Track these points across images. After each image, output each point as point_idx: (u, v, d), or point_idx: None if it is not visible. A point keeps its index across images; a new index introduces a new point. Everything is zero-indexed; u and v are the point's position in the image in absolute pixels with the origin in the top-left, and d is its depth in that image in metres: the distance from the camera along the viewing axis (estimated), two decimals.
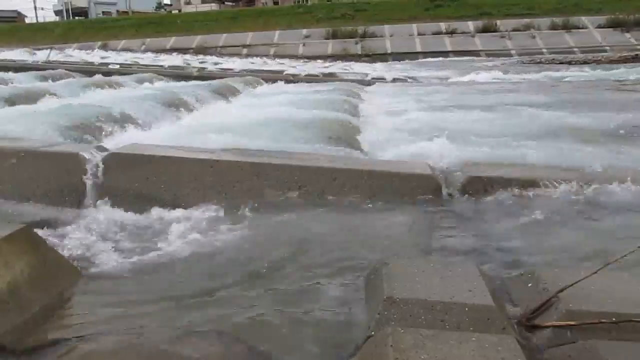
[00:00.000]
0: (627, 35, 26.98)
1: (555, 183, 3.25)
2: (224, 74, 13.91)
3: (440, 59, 25.52)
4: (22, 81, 11.11)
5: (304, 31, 31.72)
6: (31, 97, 7.60)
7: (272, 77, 13.76)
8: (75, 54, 26.45)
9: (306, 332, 1.84)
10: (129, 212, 3.07)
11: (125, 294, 2.14)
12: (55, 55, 21.75)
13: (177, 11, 60.00)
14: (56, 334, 1.85)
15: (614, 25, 27.76)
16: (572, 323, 1.74)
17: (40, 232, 2.52)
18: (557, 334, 1.74)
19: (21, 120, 5.13)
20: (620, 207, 3.06)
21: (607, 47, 25.33)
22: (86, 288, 2.19)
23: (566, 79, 12.80)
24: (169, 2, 72.64)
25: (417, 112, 6.94)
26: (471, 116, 6.44)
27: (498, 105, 7.37)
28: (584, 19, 28.82)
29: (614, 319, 1.73)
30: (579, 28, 28.33)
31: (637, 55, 19.68)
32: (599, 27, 28.10)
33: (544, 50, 26.30)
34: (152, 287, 2.20)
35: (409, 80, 14.03)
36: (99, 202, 3.19)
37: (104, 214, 3.05)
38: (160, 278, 2.30)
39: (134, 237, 2.74)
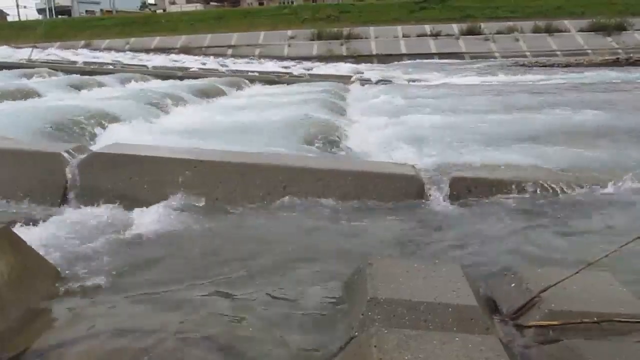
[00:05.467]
0: (609, 39, 27.32)
1: (537, 184, 3.28)
2: (209, 74, 13.82)
3: (425, 60, 25.65)
4: (3, 80, 10.96)
5: (289, 32, 31.63)
6: (11, 96, 7.50)
7: (257, 77, 13.72)
8: (58, 52, 26.11)
9: (288, 332, 1.82)
10: (111, 213, 3.03)
11: (105, 295, 2.11)
12: (37, 53, 21.46)
13: (161, 11, 59.56)
14: (37, 338, 1.81)
15: (596, 29, 28.07)
16: (555, 323, 1.75)
17: (20, 232, 2.47)
18: (540, 333, 1.76)
19: (0, 119, 5.06)
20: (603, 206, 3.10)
21: (589, 51, 25.62)
22: (67, 289, 2.15)
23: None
24: (153, 2, 72.11)
25: (400, 114, 6.96)
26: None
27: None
28: (567, 23, 29.11)
29: (595, 319, 1.75)
30: (561, 31, 28.62)
31: (618, 58, 19.95)
32: (581, 30, 28.42)
33: (527, 53, 26.55)
34: (133, 288, 2.17)
35: (391, 81, 14.11)
36: (80, 202, 3.15)
37: (86, 214, 3.00)
38: (141, 278, 2.27)
39: (115, 237, 2.70)
